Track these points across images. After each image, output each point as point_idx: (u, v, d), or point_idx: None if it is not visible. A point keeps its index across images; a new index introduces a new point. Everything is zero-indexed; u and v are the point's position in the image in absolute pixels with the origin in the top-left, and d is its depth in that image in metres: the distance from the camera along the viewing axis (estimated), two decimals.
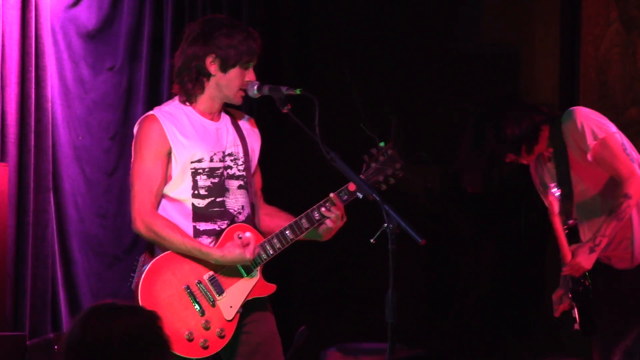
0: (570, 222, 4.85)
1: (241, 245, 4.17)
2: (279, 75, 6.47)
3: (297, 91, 4.14)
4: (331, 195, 4.22)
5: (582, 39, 7.18)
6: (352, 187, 4.20)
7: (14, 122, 5.73)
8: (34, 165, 5.80)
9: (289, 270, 4.43)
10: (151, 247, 4.31)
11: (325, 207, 4.21)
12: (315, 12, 7.04)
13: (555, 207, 4.82)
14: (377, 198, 3.78)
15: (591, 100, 7.18)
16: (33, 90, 5.78)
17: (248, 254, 4.16)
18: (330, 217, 4.21)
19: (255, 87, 4.25)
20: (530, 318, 7.16)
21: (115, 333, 2.71)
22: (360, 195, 4.17)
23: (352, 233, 4.50)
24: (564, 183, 4.81)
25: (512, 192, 7.22)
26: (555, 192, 4.79)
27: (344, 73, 4.40)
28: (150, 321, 2.76)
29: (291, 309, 6.57)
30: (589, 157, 4.68)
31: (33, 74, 5.78)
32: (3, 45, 5.73)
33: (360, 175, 4.23)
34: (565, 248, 4.79)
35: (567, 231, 4.85)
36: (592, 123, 4.72)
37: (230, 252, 4.16)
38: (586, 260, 4.71)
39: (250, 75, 4.28)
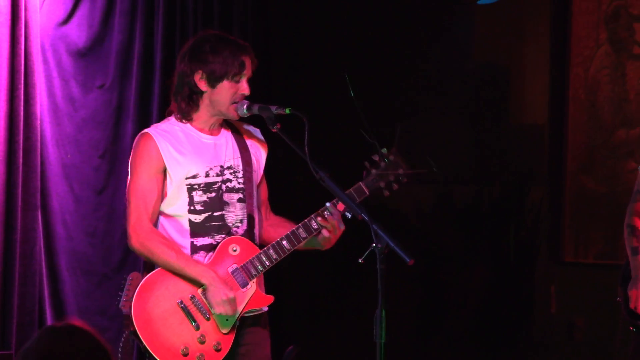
0: None
1: (228, 296, 4.14)
2: (269, 90, 6.47)
3: (287, 110, 4.13)
4: (327, 204, 4.22)
5: (571, 60, 7.21)
6: (340, 206, 4.20)
7: (3, 139, 5.71)
8: (22, 183, 5.77)
9: (277, 288, 4.40)
10: (147, 266, 4.29)
11: (322, 217, 4.21)
12: (307, 28, 7.05)
13: None
14: (366, 217, 3.78)
15: (580, 121, 7.20)
16: (22, 108, 5.76)
17: (218, 307, 4.14)
18: (326, 226, 4.21)
19: (245, 106, 4.24)
20: (520, 336, 7.16)
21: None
22: (349, 215, 4.17)
23: (341, 251, 4.50)
24: None
25: (502, 211, 7.23)
26: None
27: (344, 77, 4.38)
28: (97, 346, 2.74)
29: (280, 327, 6.56)
30: None
31: (22, 91, 5.76)
32: None
33: (361, 182, 4.26)
34: None
35: None
36: None
37: (218, 286, 4.14)
38: None
39: (243, 88, 4.26)
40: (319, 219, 4.21)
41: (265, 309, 4.33)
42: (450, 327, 7.20)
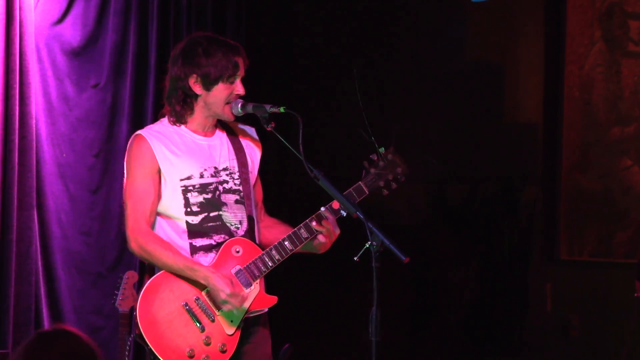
0: None
1: (232, 287, 4.14)
2: (262, 90, 6.47)
3: (281, 109, 4.13)
4: (322, 209, 4.22)
5: (566, 58, 7.21)
6: (335, 205, 4.20)
7: None
8: (17, 183, 5.77)
9: (273, 287, 4.41)
10: (146, 266, 4.29)
11: (317, 221, 4.21)
12: (300, 30, 7.05)
13: None
14: (361, 216, 3.78)
15: (575, 119, 7.20)
16: (17, 107, 5.76)
17: (225, 305, 4.15)
18: (322, 231, 4.22)
19: (239, 105, 4.24)
20: (514, 335, 7.17)
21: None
22: (344, 213, 4.17)
23: (336, 250, 4.50)
24: None
25: (497, 210, 7.24)
26: None
27: (353, 73, 4.40)
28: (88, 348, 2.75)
29: (275, 326, 6.55)
30: None
31: (17, 90, 5.76)
32: None
33: (360, 182, 4.26)
34: None
35: None
36: None
37: (217, 283, 4.13)
38: None
39: (238, 88, 4.26)
40: (314, 223, 4.21)
41: (265, 309, 4.34)
42: (445, 325, 7.21)
